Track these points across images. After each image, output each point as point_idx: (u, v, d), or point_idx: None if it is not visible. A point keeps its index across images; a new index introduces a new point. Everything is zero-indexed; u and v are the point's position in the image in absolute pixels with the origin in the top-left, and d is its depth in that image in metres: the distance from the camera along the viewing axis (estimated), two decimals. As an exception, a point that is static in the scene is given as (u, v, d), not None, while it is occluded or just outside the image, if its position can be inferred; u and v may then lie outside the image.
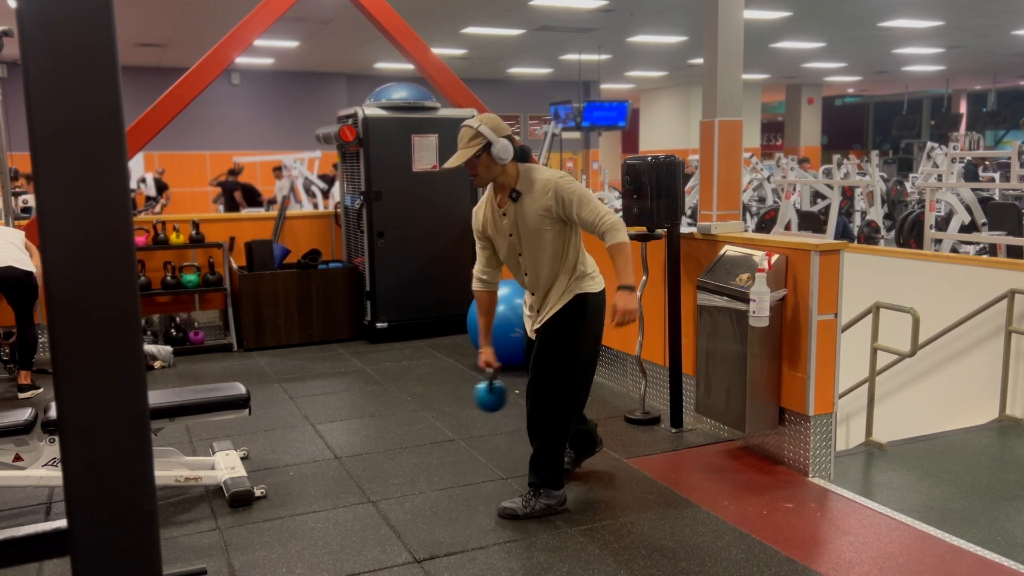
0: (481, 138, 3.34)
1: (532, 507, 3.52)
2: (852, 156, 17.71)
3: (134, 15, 11.67)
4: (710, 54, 4.54)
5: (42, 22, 1.07)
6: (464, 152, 3.36)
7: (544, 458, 3.54)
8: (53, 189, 1.09)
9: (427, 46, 7.37)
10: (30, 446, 3.58)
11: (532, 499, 3.54)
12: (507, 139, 3.36)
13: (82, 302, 1.12)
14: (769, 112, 28.58)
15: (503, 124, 3.41)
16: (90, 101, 1.09)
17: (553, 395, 3.50)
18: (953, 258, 6.06)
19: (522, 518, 3.50)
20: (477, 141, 3.34)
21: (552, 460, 3.54)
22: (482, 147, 3.34)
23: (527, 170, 3.43)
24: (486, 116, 3.41)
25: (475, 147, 3.34)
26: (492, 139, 3.33)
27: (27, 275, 5.40)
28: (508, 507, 3.54)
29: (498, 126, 3.38)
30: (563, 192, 3.34)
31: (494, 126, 3.36)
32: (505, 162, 3.36)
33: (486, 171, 3.39)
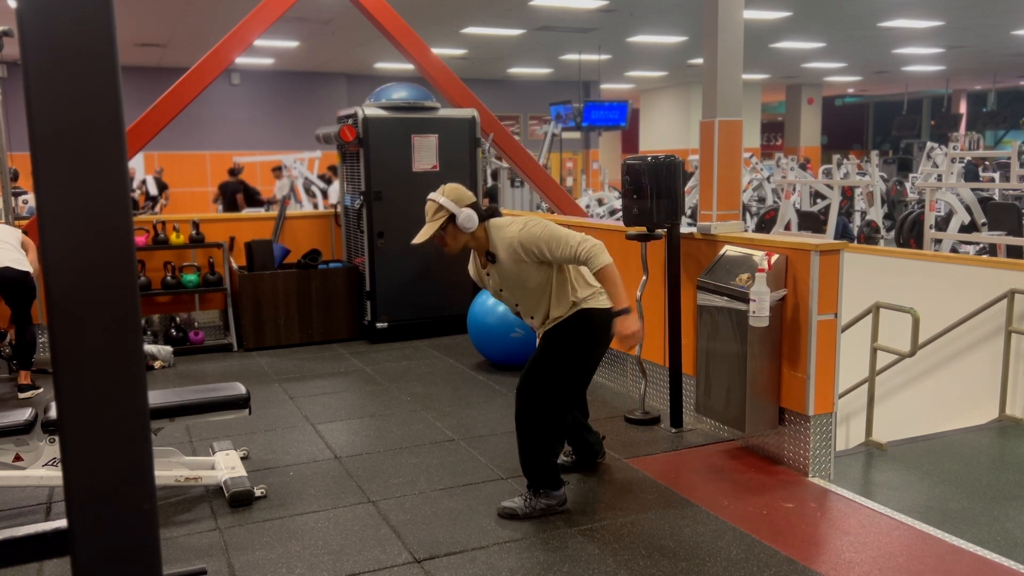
0: (444, 211, 3.41)
1: (532, 507, 3.53)
2: (852, 156, 17.72)
3: (134, 15, 11.67)
4: (710, 54, 4.54)
5: (42, 22, 1.07)
6: (430, 226, 3.44)
7: (532, 459, 3.55)
8: (53, 189, 1.09)
9: (427, 46, 7.37)
10: (30, 446, 3.58)
11: (532, 499, 3.55)
12: (471, 207, 3.43)
13: (82, 302, 1.12)
14: (769, 112, 28.58)
15: (466, 193, 3.47)
16: (90, 101, 1.09)
17: (540, 398, 3.51)
18: (953, 258, 6.07)
19: (522, 518, 3.51)
20: (441, 215, 3.41)
21: (542, 461, 3.55)
22: (446, 219, 3.41)
23: (495, 230, 3.48)
24: (448, 187, 3.47)
25: (440, 220, 3.42)
26: (455, 211, 3.40)
27: (24, 275, 5.38)
28: (508, 507, 3.55)
29: (460, 196, 3.44)
30: (529, 246, 3.37)
31: (455, 197, 3.42)
32: (471, 230, 3.43)
33: (454, 241, 3.47)
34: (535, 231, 3.38)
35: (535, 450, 3.54)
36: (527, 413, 3.53)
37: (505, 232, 3.43)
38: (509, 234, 3.42)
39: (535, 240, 3.37)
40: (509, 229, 3.43)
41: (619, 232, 5.17)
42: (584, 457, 4.03)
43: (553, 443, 3.58)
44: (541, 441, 3.54)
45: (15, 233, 5.60)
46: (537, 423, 3.52)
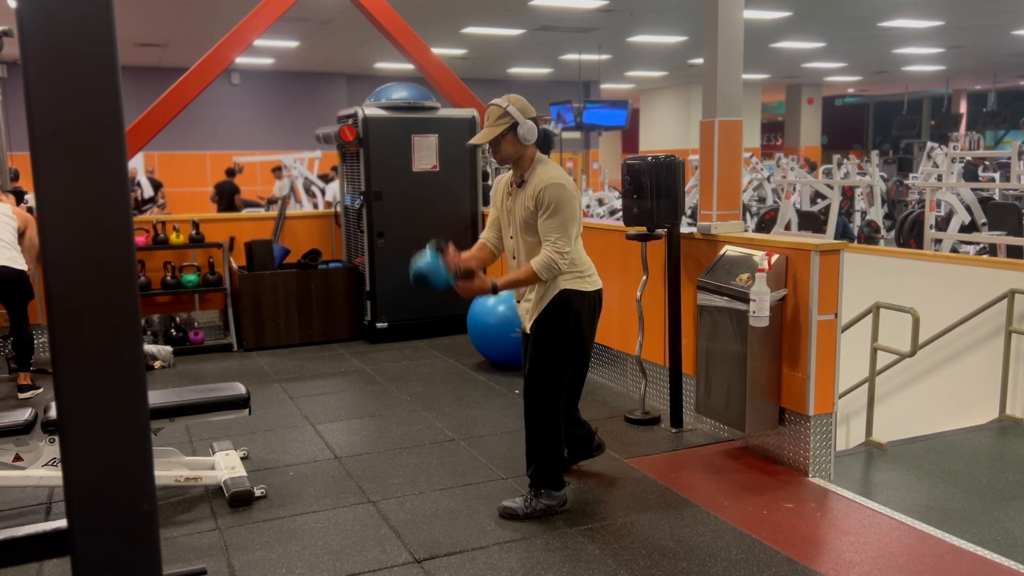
0: (508, 118, 3.37)
1: (533, 507, 3.52)
2: (852, 156, 17.72)
3: (134, 15, 11.67)
4: (710, 54, 4.54)
5: (42, 22, 1.07)
6: (491, 130, 3.38)
7: (541, 459, 3.54)
8: (53, 189, 1.09)
9: (427, 46, 7.37)
10: (30, 446, 3.58)
11: (533, 499, 3.54)
12: (533, 121, 3.39)
13: (82, 302, 1.12)
14: (769, 112, 28.58)
15: (530, 106, 3.45)
16: (90, 101, 1.09)
17: (543, 396, 3.50)
18: (953, 258, 6.06)
19: (522, 518, 3.51)
20: (504, 120, 3.37)
21: (549, 461, 3.54)
22: (509, 127, 3.36)
23: (539, 162, 3.44)
24: (514, 96, 3.44)
25: (502, 126, 3.36)
26: (519, 119, 3.36)
27: (20, 274, 5.31)
28: (508, 506, 3.54)
29: (525, 107, 3.41)
30: (546, 196, 3.32)
31: (522, 107, 3.40)
32: (529, 144, 3.39)
33: (510, 149, 3.40)
34: (558, 194, 3.30)
35: (544, 450, 3.53)
36: (536, 414, 3.52)
37: (546, 171, 3.37)
38: (549, 174, 3.35)
39: (551, 198, 3.30)
40: (551, 171, 3.36)
41: (619, 232, 5.16)
42: (575, 452, 3.97)
43: (561, 442, 3.57)
44: (551, 441, 3.53)
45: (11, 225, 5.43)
46: (546, 423, 3.51)
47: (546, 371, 3.48)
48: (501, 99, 3.43)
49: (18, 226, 5.51)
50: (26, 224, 5.57)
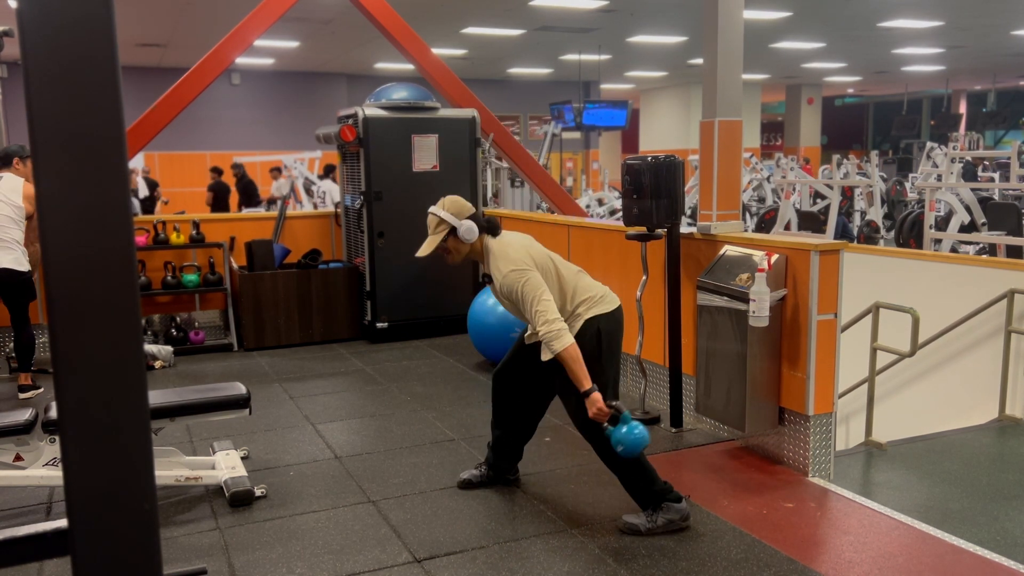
0: (445, 224, 3.48)
1: (654, 522, 3.40)
2: (852, 156, 17.72)
3: (134, 15, 11.68)
4: (710, 54, 4.54)
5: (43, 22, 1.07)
6: (432, 239, 3.51)
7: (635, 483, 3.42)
8: (53, 189, 1.10)
9: (427, 46, 7.37)
10: (30, 446, 3.58)
11: (653, 514, 3.42)
12: (471, 219, 3.48)
13: (82, 302, 1.12)
14: (769, 112, 28.57)
15: (465, 205, 3.51)
16: (91, 101, 1.09)
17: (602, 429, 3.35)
18: (953, 258, 6.07)
19: (644, 534, 3.38)
20: (442, 228, 3.49)
21: (643, 478, 3.42)
22: (447, 232, 3.49)
23: (491, 253, 3.48)
24: (448, 200, 3.52)
25: (441, 233, 3.49)
26: (455, 224, 3.47)
27: (23, 275, 5.27)
28: (630, 523, 3.42)
29: (460, 209, 3.50)
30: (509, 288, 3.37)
31: (455, 210, 3.49)
32: (471, 241, 3.49)
33: (456, 252, 3.54)
34: (513, 281, 3.35)
35: (632, 472, 3.41)
36: (603, 445, 3.38)
37: (496, 261, 3.43)
38: (498, 266, 3.41)
39: (512, 291, 3.36)
40: (500, 261, 3.42)
41: (619, 232, 5.17)
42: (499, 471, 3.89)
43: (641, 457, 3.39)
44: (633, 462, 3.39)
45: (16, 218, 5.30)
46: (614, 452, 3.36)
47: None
48: (436, 206, 3.51)
49: (28, 210, 5.41)
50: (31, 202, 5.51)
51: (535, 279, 3.36)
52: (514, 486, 3.87)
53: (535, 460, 4.16)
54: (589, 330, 3.43)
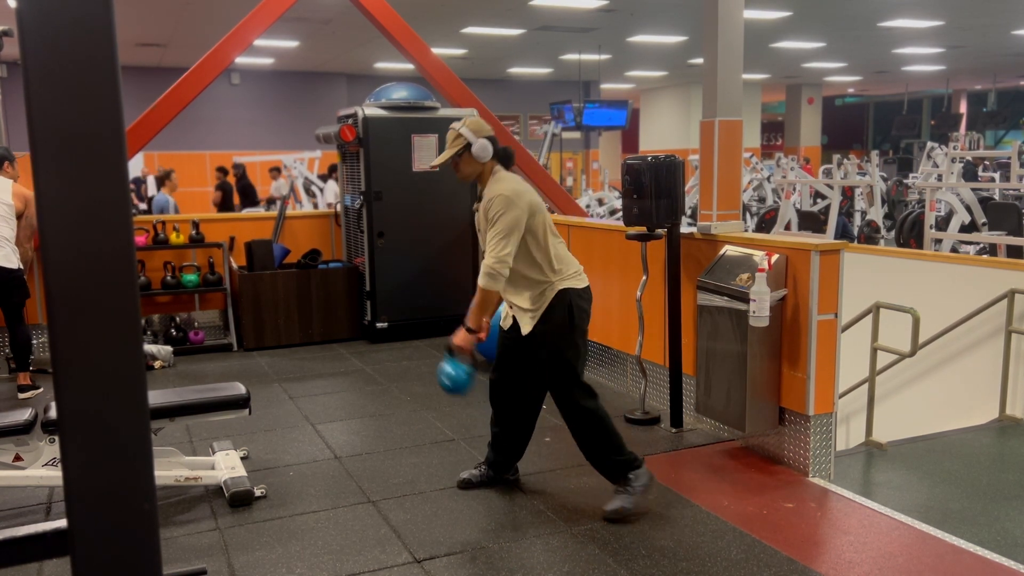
0: (461, 139, 3.54)
1: (634, 493, 3.52)
2: (852, 156, 17.72)
3: (134, 15, 11.68)
4: (710, 54, 4.54)
5: (42, 22, 1.07)
6: (447, 152, 3.59)
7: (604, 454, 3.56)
8: (53, 189, 1.09)
9: (427, 46, 7.37)
10: (30, 446, 3.57)
11: (627, 488, 3.53)
12: (488, 140, 3.54)
13: (82, 302, 1.12)
14: (769, 112, 28.57)
15: (485, 126, 3.59)
16: (90, 101, 1.09)
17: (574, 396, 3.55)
18: (953, 258, 6.07)
19: (633, 510, 3.50)
20: (458, 142, 3.55)
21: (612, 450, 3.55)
22: (463, 147, 3.54)
23: (495, 177, 3.56)
24: (469, 118, 3.62)
25: (456, 147, 3.56)
26: (471, 139, 3.53)
27: (14, 272, 5.23)
28: (614, 508, 3.50)
29: (479, 128, 3.57)
30: (492, 208, 3.45)
31: (474, 128, 3.56)
32: (484, 160, 3.55)
33: (467, 168, 3.59)
34: (502, 209, 3.41)
35: (600, 440, 3.55)
36: (574, 415, 3.56)
37: (496, 186, 3.50)
38: (495, 190, 3.48)
39: (495, 213, 3.43)
40: (500, 186, 3.49)
41: (619, 232, 5.16)
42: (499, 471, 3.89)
43: (610, 429, 3.56)
44: (599, 429, 3.55)
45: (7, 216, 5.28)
46: (587, 417, 3.54)
47: (568, 369, 3.53)
48: (458, 122, 3.60)
49: (17, 208, 5.39)
50: (26, 203, 5.45)
51: (518, 218, 3.42)
52: (514, 486, 3.87)
53: (535, 460, 4.15)
54: (564, 300, 3.50)
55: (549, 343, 3.51)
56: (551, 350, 3.52)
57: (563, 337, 3.51)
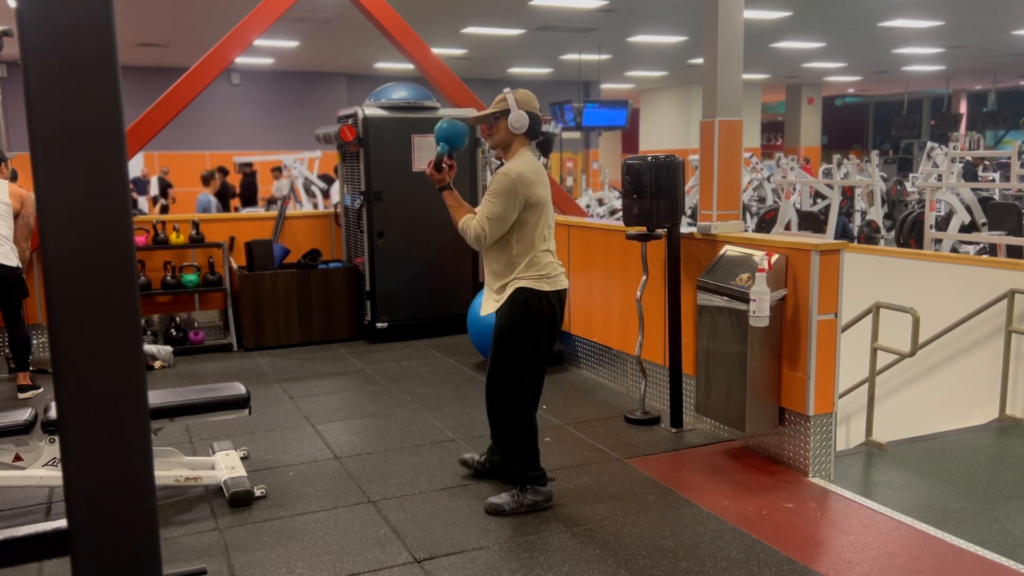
0: (504, 103, 3.50)
1: (520, 503, 3.56)
2: (852, 156, 17.71)
3: (134, 15, 11.68)
4: (710, 54, 4.54)
5: (42, 22, 1.07)
6: (487, 110, 3.56)
7: (511, 454, 3.58)
8: (53, 189, 1.09)
9: (427, 46, 7.37)
10: (30, 446, 3.57)
11: (519, 495, 3.57)
12: (529, 115, 3.49)
13: (82, 302, 1.12)
14: (769, 112, 28.58)
15: (535, 102, 3.55)
16: (90, 101, 1.09)
17: (505, 390, 3.55)
18: (953, 258, 6.07)
19: (509, 514, 3.54)
20: (500, 105, 3.52)
21: (521, 455, 3.57)
22: (501, 112, 3.50)
23: (517, 155, 3.54)
24: (523, 91, 3.56)
25: (496, 109, 3.52)
26: (512, 107, 3.48)
27: (11, 271, 5.21)
28: (495, 503, 3.58)
29: (528, 100, 3.53)
30: (494, 180, 3.47)
31: (523, 99, 3.52)
32: (518, 132, 3.50)
33: (498, 134, 3.55)
34: (503, 181, 3.42)
35: (512, 444, 3.58)
36: (495, 409, 3.58)
37: (513, 164, 3.49)
38: (509, 166, 3.48)
39: (495, 182, 3.45)
40: (516, 164, 3.48)
41: (619, 232, 5.16)
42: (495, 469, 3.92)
43: (528, 434, 3.58)
44: (515, 434, 3.57)
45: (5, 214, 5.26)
46: (512, 418, 3.55)
47: (505, 365, 3.53)
48: (508, 89, 3.56)
49: (15, 208, 5.39)
50: (23, 203, 5.45)
51: (512, 202, 3.41)
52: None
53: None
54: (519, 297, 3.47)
55: (497, 331, 3.54)
56: (496, 337, 3.54)
57: (512, 332, 3.49)
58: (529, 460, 3.59)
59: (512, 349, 3.51)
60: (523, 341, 3.51)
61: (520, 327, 3.50)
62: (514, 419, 3.56)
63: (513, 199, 3.42)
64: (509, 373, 3.53)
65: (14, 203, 5.41)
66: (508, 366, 3.53)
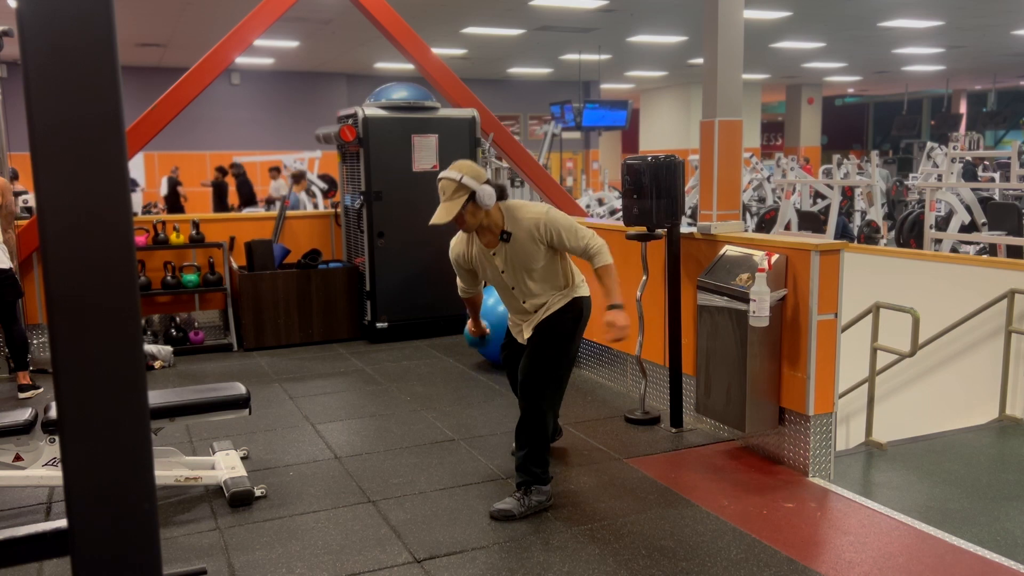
0: (465, 189, 3.39)
1: (527, 505, 3.56)
2: (852, 156, 17.71)
3: (134, 15, 11.67)
4: (710, 54, 4.54)
5: (42, 22, 1.07)
6: (451, 206, 3.39)
7: (534, 459, 3.59)
8: (53, 189, 1.09)
9: (427, 46, 7.37)
10: (30, 446, 3.58)
11: (525, 498, 3.57)
12: (487, 184, 3.44)
13: (82, 302, 1.12)
14: (769, 112, 28.57)
15: (481, 170, 3.48)
16: (90, 101, 1.09)
17: (548, 393, 3.60)
18: (953, 258, 6.07)
19: (518, 518, 3.53)
20: (461, 193, 3.39)
21: (542, 458, 3.62)
22: (467, 197, 3.40)
23: (510, 209, 3.55)
24: (464, 165, 3.45)
25: (461, 199, 3.39)
26: (476, 188, 3.39)
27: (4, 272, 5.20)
28: (503, 508, 3.55)
29: (477, 173, 3.43)
30: (552, 227, 3.50)
31: (474, 174, 3.41)
32: (489, 207, 3.46)
33: (473, 219, 3.46)
34: (558, 218, 3.52)
35: (538, 449, 3.59)
36: (535, 413, 3.57)
37: (526, 212, 3.52)
38: (532, 214, 3.50)
39: (557, 226, 3.51)
40: (530, 210, 3.53)
41: (619, 232, 5.16)
42: None
43: (546, 444, 3.64)
44: (543, 439, 3.60)
45: None
46: (543, 422, 3.58)
47: (555, 368, 3.59)
48: (450, 171, 3.42)
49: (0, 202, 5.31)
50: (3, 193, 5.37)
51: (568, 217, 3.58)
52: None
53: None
54: (576, 307, 3.65)
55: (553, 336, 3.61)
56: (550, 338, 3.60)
57: (567, 334, 3.62)
58: (544, 460, 3.62)
59: (567, 354, 3.61)
60: (574, 346, 3.65)
61: (576, 333, 3.64)
62: (543, 420, 3.58)
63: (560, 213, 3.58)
64: (556, 377, 3.60)
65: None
66: (556, 370, 3.59)
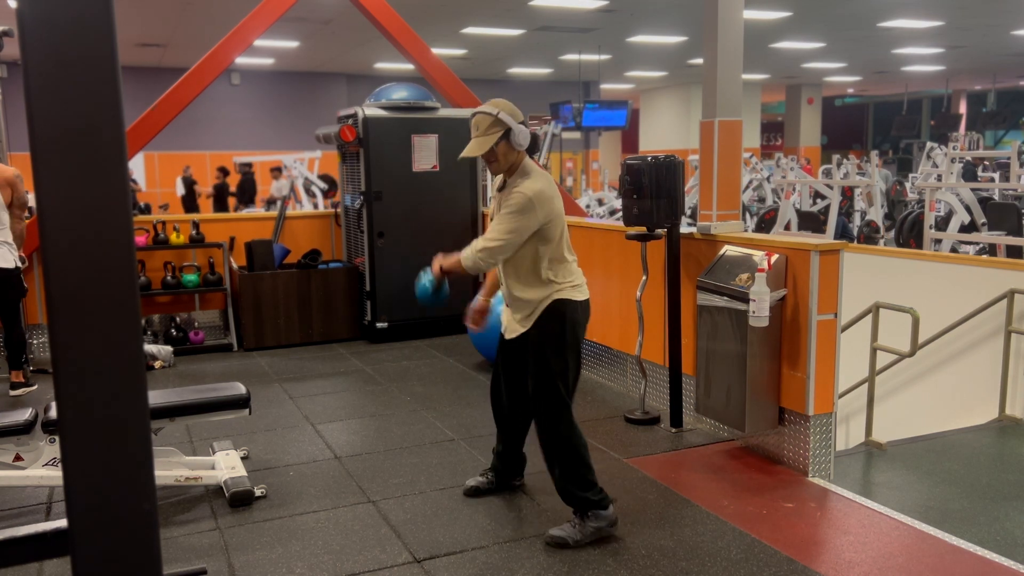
0: (501, 125, 3.15)
1: (583, 532, 3.27)
2: (852, 156, 17.70)
3: (134, 15, 11.67)
4: (710, 54, 4.54)
5: (42, 22, 1.07)
6: (484, 140, 3.15)
7: (571, 482, 3.29)
8: (53, 189, 1.09)
9: (427, 46, 7.37)
10: (30, 446, 3.58)
11: (581, 523, 3.28)
12: (523, 125, 3.21)
13: (82, 302, 1.12)
14: (769, 112, 28.56)
15: (517, 110, 3.24)
16: (90, 101, 1.09)
17: (555, 411, 3.30)
18: (953, 258, 6.07)
19: (573, 547, 3.24)
20: (497, 128, 3.15)
21: (581, 480, 3.29)
22: (503, 134, 3.16)
23: (525, 168, 3.27)
24: (501, 102, 3.21)
25: (495, 135, 3.15)
26: (512, 125, 3.15)
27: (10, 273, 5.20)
28: (557, 535, 3.27)
29: (515, 111, 3.20)
30: (509, 202, 3.18)
31: (511, 111, 3.18)
32: (522, 148, 3.20)
33: (504, 158, 3.22)
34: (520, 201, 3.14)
35: (566, 467, 3.30)
36: (553, 436, 3.30)
37: (527, 181, 3.19)
38: (528, 183, 3.18)
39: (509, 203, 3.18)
40: (530, 183, 3.18)
41: (619, 232, 5.16)
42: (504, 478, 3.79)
43: (579, 452, 3.30)
44: (567, 455, 3.29)
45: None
46: (557, 438, 3.30)
47: (551, 383, 3.29)
48: (488, 106, 3.20)
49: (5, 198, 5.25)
50: (12, 186, 5.28)
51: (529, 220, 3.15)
52: (518, 490, 3.86)
53: (535, 460, 4.15)
54: (557, 312, 3.28)
55: (538, 349, 3.30)
56: (538, 356, 3.30)
57: (553, 347, 3.27)
58: (586, 481, 3.27)
59: (558, 365, 3.26)
60: (566, 355, 3.28)
61: (562, 341, 3.27)
62: (563, 439, 3.28)
63: (531, 217, 3.15)
64: (554, 392, 3.27)
65: (4, 195, 5.30)
66: (552, 384, 3.27)
